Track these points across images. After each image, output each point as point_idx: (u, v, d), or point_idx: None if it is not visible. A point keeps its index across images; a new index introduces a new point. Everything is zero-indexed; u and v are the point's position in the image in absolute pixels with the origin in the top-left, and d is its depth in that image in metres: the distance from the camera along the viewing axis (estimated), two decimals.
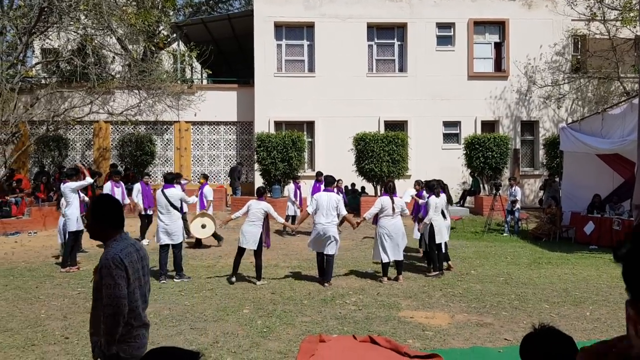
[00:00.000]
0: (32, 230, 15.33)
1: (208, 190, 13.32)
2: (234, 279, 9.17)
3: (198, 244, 13.10)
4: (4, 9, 18.18)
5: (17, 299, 8.17)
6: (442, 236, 10.12)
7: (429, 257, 10.39)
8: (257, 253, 9.17)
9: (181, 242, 9.84)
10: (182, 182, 15.67)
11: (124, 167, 19.52)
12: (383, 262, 9.47)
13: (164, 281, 9.34)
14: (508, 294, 8.51)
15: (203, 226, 12.22)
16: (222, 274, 9.82)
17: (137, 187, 13.38)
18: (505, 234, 15.24)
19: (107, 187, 12.90)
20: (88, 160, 20.93)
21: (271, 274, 10.01)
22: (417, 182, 12.27)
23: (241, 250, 9.23)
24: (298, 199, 15.53)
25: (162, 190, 9.83)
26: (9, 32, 19.00)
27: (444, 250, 10.26)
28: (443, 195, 10.50)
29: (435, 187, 10.29)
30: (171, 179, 10.19)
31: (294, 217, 15.22)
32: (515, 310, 7.57)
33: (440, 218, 10.21)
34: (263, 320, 7.01)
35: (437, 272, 9.87)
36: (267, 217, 9.26)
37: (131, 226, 13.63)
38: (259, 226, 9.12)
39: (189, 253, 12.06)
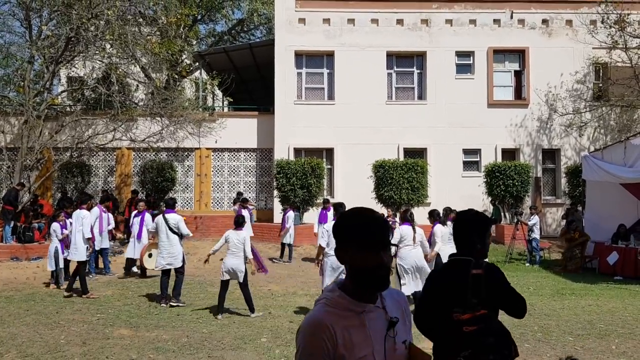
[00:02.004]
0: None
1: (148, 219, 12.61)
2: (219, 316, 8.75)
3: (143, 273, 12.66)
4: (32, 39, 18.72)
5: (38, 324, 8.23)
6: None
7: None
8: (243, 284, 8.86)
9: (183, 266, 9.92)
10: (249, 207, 15.95)
11: (144, 193, 19.72)
12: (405, 295, 9.19)
13: (164, 305, 9.49)
14: (531, 325, 8.33)
15: (150, 255, 11.58)
16: (242, 302, 9.76)
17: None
18: (527, 264, 15.04)
19: (148, 219, 12.82)
20: (110, 187, 21.20)
21: (289, 302, 9.96)
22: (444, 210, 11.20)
23: (225, 284, 8.92)
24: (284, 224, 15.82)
25: (164, 215, 9.91)
26: (36, 61, 19.56)
27: None
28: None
29: (440, 215, 10.12)
30: (172, 204, 10.31)
31: (289, 245, 15.59)
32: (538, 343, 7.40)
33: (449, 248, 9.96)
34: (281, 350, 6.95)
35: None
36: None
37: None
38: (240, 257, 8.85)
39: (208, 280, 12.06)
